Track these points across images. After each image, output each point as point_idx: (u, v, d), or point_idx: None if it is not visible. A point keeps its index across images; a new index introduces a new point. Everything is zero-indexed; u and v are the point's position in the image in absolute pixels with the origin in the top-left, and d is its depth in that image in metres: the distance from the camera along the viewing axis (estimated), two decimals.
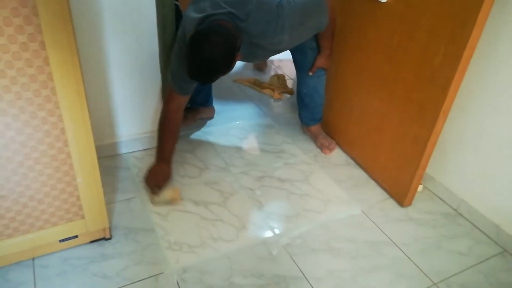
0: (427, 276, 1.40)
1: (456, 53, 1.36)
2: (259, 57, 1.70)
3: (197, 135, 2.03)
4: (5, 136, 1.04)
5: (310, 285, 1.33)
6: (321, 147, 2.01)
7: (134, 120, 1.80)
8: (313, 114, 2.02)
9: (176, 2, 1.92)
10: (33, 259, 1.32)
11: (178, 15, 1.89)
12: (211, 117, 2.16)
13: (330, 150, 2.01)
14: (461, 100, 1.59)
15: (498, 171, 1.53)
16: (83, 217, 1.29)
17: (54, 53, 0.98)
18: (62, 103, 1.05)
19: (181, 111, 1.65)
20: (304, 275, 1.37)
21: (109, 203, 1.56)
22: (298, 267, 1.39)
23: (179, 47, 1.53)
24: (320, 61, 1.84)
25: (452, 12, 1.34)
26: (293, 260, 1.41)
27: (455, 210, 1.70)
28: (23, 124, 1.05)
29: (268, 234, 1.51)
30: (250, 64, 2.79)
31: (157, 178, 1.59)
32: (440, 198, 1.76)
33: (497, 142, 1.51)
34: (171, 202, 1.58)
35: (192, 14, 1.45)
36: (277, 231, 1.53)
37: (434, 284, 1.38)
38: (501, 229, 1.54)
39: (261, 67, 2.78)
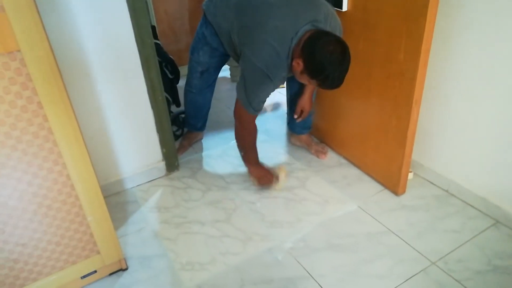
0: (425, 257, 1.48)
1: (415, 48, 1.47)
2: None
3: (196, 160, 2.15)
4: (18, 189, 1.17)
5: (317, 282, 1.43)
6: (316, 153, 2.11)
7: (135, 156, 1.92)
8: (305, 123, 2.13)
9: (157, 41, 2.07)
10: None
11: (160, 52, 2.04)
12: (202, 138, 2.31)
13: (325, 154, 2.11)
14: (433, 89, 1.69)
15: (478, 147, 1.62)
16: (98, 252, 1.41)
17: (50, 110, 1.11)
18: (64, 152, 1.18)
19: (256, 125, 1.81)
20: (310, 274, 1.46)
21: (122, 236, 1.67)
22: (304, 268, 1.48)
23: (258, 74, 1.55)
24: (303, 102, 1.96)
25: (405, 12, 1.46)
26: (298, 262, 1.51)
27: (446, 191, 1.79)
28: (33, 176, 1.17)
29: (272, 241, 1.61)
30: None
31: (267, 177, 1.87)
32: (431, 182, 1.85)
33: (473, 121, 1.61)
34: (286, 179, 1.91)
35: (270, 40, 1.49)
36: (280, 237, 1.63)
37: (433, 263, 1.46)
38: (489, 202, 1.62)
39: None
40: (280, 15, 1.50)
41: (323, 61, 1.40)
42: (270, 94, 1.66)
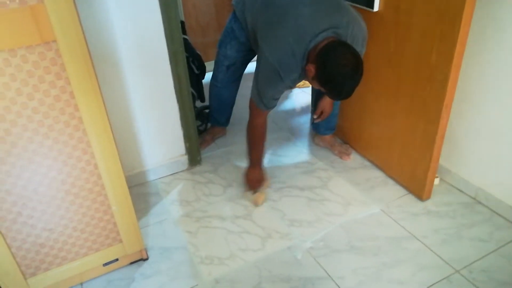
0: (449, 265, 1.45)
1: (449, 50, 1.43)
2: None
3: (218, 156, 2.16)
4: (48, 177, 1.20)
5: (336, 284, 1.41)
6: (340, 155, 2.09)
7: (159, 148, 1.95)
8: (329, 123, 2.11)
9: (185, 36, 2.09)
10: (81, 284, 1.47)
11: (188, 47, 2.05)
12: (225, 134, 2.31)
13: (349, 155, 2.08)
14: (464, 93, 1.65)
15: (509, 154, 1.56)
16: (121, 241, 1.43)
17: (82, 100, 1.13)
18: (93, 142, 1.20)
19: (266, 121, 1.75)
20: (329, 275, 1.45)
21: (144, 226, 1.70)
22: (323, 268, 1.47)
23: (270, 71, 1.54)
24: (323, 104, 1.94)
25: (439, 13, 1.42)
26: (317, 262, 1.50)
27: (474, 198, 1.74)
28: (62, 164, 1.20)
29: (292, 240, 1.60)
30: None
31: (254, 184, 1.82)
32: (458, 189, 1.80)
33: (504, 126, 1.55)
34: (254, 203, 1.81)
35: (289, 37, 1.48)
36: (300, 236, 1.62)
37: (457, 271, 1.42)
38: None
39: None
40: (304, 15, 1.48)
41: (334, 72, 1.39)
42: (282, 92, 1.63)
